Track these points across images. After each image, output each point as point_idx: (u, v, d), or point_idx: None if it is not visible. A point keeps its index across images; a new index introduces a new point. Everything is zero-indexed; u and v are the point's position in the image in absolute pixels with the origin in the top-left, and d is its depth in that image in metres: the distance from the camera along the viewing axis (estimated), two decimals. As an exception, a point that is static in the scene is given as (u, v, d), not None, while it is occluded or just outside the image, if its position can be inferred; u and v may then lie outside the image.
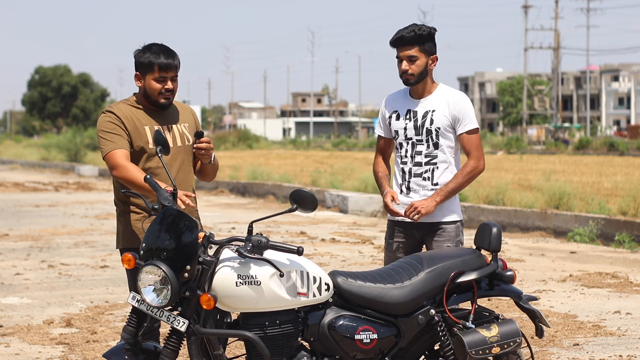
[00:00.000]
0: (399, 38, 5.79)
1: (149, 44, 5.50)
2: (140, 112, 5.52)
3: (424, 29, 5.79)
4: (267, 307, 4.78)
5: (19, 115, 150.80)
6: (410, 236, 5.90)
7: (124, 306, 9.38)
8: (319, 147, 74.45)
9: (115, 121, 5.46)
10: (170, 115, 5.59)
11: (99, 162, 42.24)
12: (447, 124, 5.84)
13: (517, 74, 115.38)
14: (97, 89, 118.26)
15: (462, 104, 5.86)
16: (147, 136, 5.47)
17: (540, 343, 7.69)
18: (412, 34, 5.76)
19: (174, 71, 5.48)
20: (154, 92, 5.46)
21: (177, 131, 5.57)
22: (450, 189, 5.79)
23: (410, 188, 5.87)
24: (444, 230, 5.84)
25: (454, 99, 5.87)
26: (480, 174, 5.92)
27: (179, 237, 4.71)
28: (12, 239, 15.38)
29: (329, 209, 20.75)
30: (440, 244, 5.82)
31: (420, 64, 5.79)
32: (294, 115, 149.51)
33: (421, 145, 5.85)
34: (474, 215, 17.13)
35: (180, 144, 5.56)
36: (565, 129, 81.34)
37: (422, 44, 5.79)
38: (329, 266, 11.73)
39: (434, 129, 5.82)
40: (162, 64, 5.43)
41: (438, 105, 5.85)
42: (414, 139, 5.85)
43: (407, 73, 5.80)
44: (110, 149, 5.41)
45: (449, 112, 5.84)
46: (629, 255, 12.93)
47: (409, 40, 5.77)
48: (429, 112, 5.84)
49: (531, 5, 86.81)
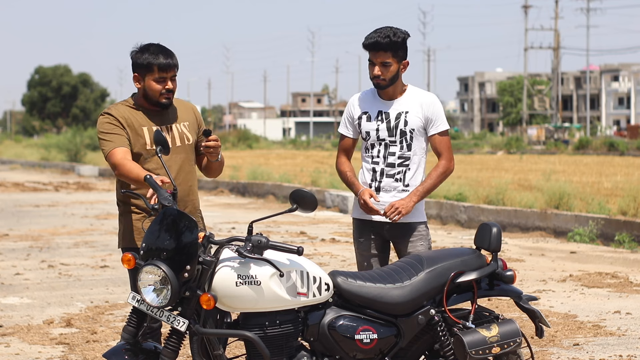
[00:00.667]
0: (374, 43, 5.80)
1: (146, 45, 5.47)
2: (139, 114, 5.51)
3: (399, 35, 5.80)
4: (267, 307, 4.79)
5: (19, 115, 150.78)
6: (380, 235, 5.94)
7: (124, 306, 9.38)
8: (319, 147, 74.42)
9: (114, 121, 5.44)
10: (169, 115, 5.56)
11: (99, 162, 42.27)
12: (420, 125, 5.88)
13: (517, 74, 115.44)
14: (97, 89, 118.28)
15: (434, 106, 5.91)
16: (146, 137, 5.46)
17: (540, 343, 7.69)
18: (387, 40, 5.78)
19: (173, 71, 5.46)
20: (154, 93, 5.44)
21: (177, 131, 5.55)
22: (426, 189, 5.85)
23: (381, 188, 5.90)
24: (415, 229, 5.89)
25: (427, 100, 5.90)
26: (450, 174, 5.99)
27: (179, 237, 4.71)
28: (12, 239, 15.38)
29: (329, 209, 20.76)
30: (415, 243, 5.86)
31: (393, 70, 5.83)
32: (294, 115, 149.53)
33: (394, 147, 5.88)
34: (474, 215, 17.13)
35: (180, 144, 5.54)
36: (565, 129, 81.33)
37: (395, 50, 5.82)
38: (329, 266, 11.73)
39: (408, 130, 5.86)
40: (161, 64, 5.41)
41: (411, 107, 5.88)
42: (387, 140, 5.88)
43: (379, 78, 5.83)
44: (110, 148, 5.39)
45: (422, 114, 5.87)
46: (629, 255, 12.93)
47: (384, 47, 5.79)
48: (402, 114, 5.87)
49: (531, 5, 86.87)
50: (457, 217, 17.57)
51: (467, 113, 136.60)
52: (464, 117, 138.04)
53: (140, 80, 5.47)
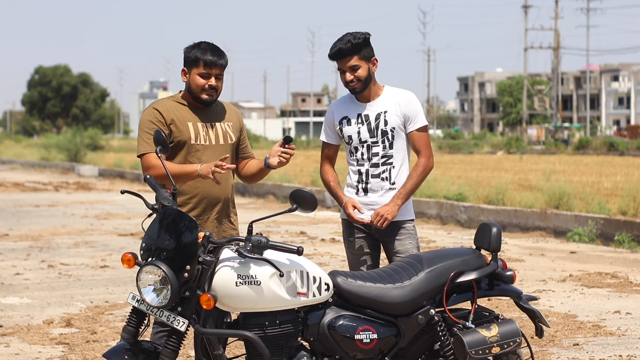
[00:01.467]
0: (337, 51, 5.88)
1: (199, 42, 5.58)
2: (184, 108, 5.58)
3: (359, 36, 5.87)
4: (267, 307, 4.79)
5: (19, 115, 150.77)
6: (369, 234, 5.98)
7: (124, 306, 9.38)
8: (319, 147, 74.41)
9: (156, 121, 5.50)
10: (214, 113, 5.62)
11: (99, 162, 42.28)
12: (400, 122, 5.93)
13: (517, 74, 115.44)
14: (97, 89, 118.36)
15: (412, 103, 5.96)
16: (190, 132, 5.51)
17: (540, 343, 7.69)
18: (348, 44, 5.85)
19: (219, 69, 5.53)
20: (197, 88, 5.52)
21: (220, 129, 5.60)
22: (408, 191, 5.90)
23: (368, 189, 5.95)
24: (404, 228, 5.93)
25: (404, 98, 5.96)
26: (430, 171, 6.04)
27: (179, 237, 4.71)
28: (12, 239, 15.38)
29: (329, 209, 20.77)
30: (403, 241, 5.90)
31: (362, 71, 5.88)
32: (293, 115, 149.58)
33: (377, 147, 5.93)
34: (474, 215, 17.13)
35: (223, 142, 5.59)
36: (565, 129, 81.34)
37: (360, 52, 5.87)
38: (329, 266, 11.73)
39: (389, 130, 5.92)
40: (207, 60, 5.49)
41: (389, 106, 5.94)
42: (369, 142, 5.94)
43: (352, 83, 5.89)
44: (145, 150, 5.48)
45: (400, 111, 5.93)
46: (629, 255, 12.93)
47: (348, 52, 5.85)
48: (381, 114, 5.93)
49: (531, 5, 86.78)
50: (457, 217, 17.57)
51: (467, 113, 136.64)
52: (464, 117, 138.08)
53: (187, 74, 5.56)
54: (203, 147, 5.52)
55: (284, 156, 5.52)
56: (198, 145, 5.50)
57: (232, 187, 5.70)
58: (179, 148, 5.51)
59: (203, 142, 5.53)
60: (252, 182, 5.81)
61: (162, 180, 5.38)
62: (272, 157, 5.56)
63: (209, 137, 5.54)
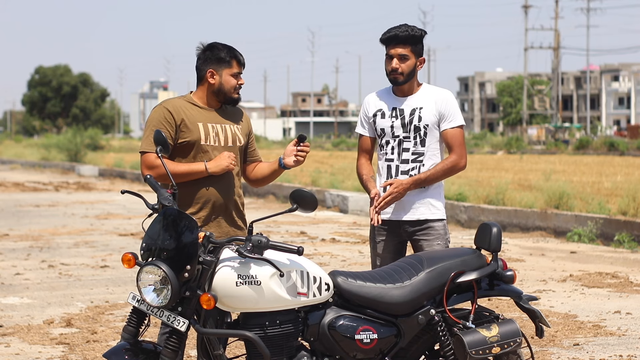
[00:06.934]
0: (392, 36, 5.80)
1: (214, 43, 5.58)
2: (195, 108, 5.56)
3: (417, 31, 5.82)
4: (267, 307, 4.79)
5: (19, 115, 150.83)
6: (396, 234, 5.87)
7: (124, 306, 9.38)
8: (319, 147, 74.44)
9: (164, 120, 5.48)
10: (224, 115, 5.62)
11: (99, 162, 42.27)
12: (435, 121, 5.84)
13: (517, 74, 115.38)
14: (97, 89, 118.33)
15: (448, 101, 5.87)
16: (200, 132, 5.50)
17: (540, 343, 7.69)
18: (406, 33, 5.79)
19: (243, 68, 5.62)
20: (231, 88, 5.54)
21: (230, 131, 5.59)
22: (424, 177, 5.76)
23: None
24: (432, 228, 5.82)
25: (441, 96, 5.88)
26: (460, 171, 5.91)
27: (179, 237, 4.71)
28: (12, 239, 15.38)
29: (329, 209, 20.76)
30: (431, 242, 5.80)
31: (410, 64, 5.81)
32: (294, 115, 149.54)
33: (408, 143, 5.84)
34: (474, 215, 17.13)
35: (232, 144, 5.58)
36: (565, 129, 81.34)
37: (414, 45, 5.82)
38: (329, 266, 11.73)
39: (422, 126, 5.83)
40: (240, 60, 5.56)
41: (425, 103, 5.85)
42: (401, 136, 5.85)
43: (397, 72, 5.80)
44: (147, 149, 5.46)
45: (436, 109, 5.84)
46: (629, 255, 12.93)
47: (403, 40, 5.79)
48: (416, 110, 5.85)
49: (531, 5, 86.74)
50: (457, 217, 17.57)
51: (467, 113, 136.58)
52: (464, 117, 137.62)
53: (215, 74, 5.54)
54: (212, 148, 5.51)
55: (301, 154, 5.54)
56: (207, 146, 5.50)
57: (239, 192, 5.63)
58: (188, 148, 5.50)
59: (212, 143, 5.52)
60: (261, 184, 5.79)
61: (163, 180, 5.38)
62: (287, 157, 5.56)
63: (218, 138, 5.53)
